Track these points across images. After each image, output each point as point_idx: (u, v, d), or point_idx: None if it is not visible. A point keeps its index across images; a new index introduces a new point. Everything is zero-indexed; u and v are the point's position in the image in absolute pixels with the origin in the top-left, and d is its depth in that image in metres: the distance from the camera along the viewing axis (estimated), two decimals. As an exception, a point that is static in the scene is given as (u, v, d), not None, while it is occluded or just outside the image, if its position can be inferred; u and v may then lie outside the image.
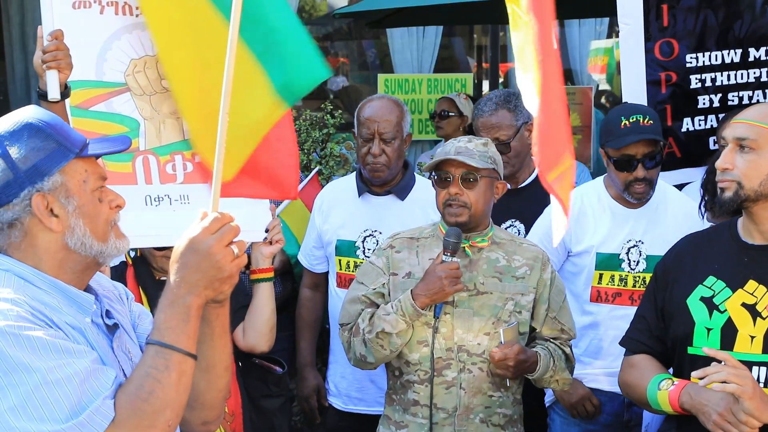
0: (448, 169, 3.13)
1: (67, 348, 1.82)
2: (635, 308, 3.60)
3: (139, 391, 1.83)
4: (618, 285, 3.66)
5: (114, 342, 2.02)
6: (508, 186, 3.30)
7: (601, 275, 3.67)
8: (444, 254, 3.07)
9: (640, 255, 3.64)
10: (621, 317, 3.60)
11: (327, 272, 4.02)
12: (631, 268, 3.65)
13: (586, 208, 3.71)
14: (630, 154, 3.53)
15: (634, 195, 3.59)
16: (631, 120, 3.55)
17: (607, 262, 3.66)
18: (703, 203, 3.66)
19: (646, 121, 3.55)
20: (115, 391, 1.83)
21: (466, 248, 3.16)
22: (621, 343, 2.93)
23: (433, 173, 3.21)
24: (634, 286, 3.64)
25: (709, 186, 3.53)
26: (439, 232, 3.22)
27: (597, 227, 3.68)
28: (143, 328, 2.15)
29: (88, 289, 2.03)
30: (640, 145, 3.52)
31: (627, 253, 3.66)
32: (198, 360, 2.03)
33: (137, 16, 3.16)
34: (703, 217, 3.60)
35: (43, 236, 1.94)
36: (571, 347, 3.28)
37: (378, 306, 3.18)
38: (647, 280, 3.58)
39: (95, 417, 1.77)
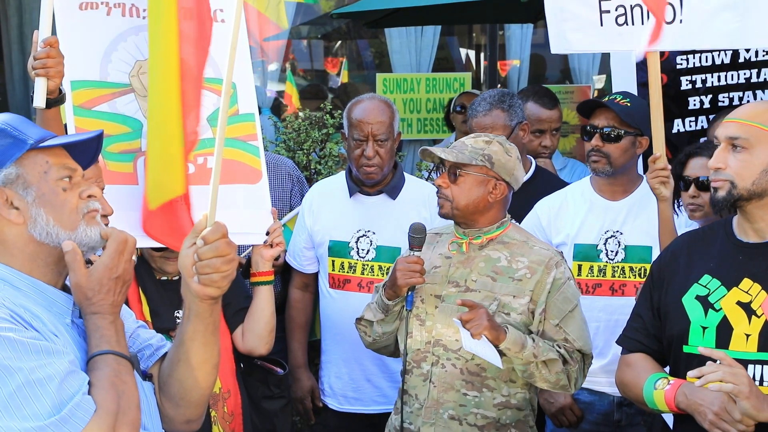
0: (445, 160, 3.17)
1: (47, 348, 1.85)
2: (616, 298, 3.62)
3: (112, 388, 1.88)
4: (597, 276, 3.69)
5: None
6: None
7: (579, 266, 3.70)
8: (409, 249, 3.14)
9: (619, 245, 3.66)
10: (602, 308, 3.64)
11: (317, 272, 4.02)
12: (609, 259, 3.67)
13: (569, 202, 3.78)
14: (593, 124, 3.65)
15: (591, 166, 3.68)
16: (610, 97, 3.70)
17: (585, 253, 3.69)
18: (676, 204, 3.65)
19: (622, 101, 3.63)
20: (88, 390, 1.87)
21: (464, 245, 3.18)
22: (618, 342, 2.94)
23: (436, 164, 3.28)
24: (613, 276, 3.67)
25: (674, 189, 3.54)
26: (454, 229, 3.25)
27: (575, 218, 3.73)
28: (126, 327, 2.15)
29: (66, 289, 2.05)
30: (602, 118, 3.63)
31: (605, 244, 3.68)
32: (188, 357, 2.09)
33: (144, 18, 3.18)
34: (678, 215, 3.57)
35: (8, 231, 1.97)
36: (570, 353, 3.05)
37: None
38: (626, 270, 3.62)
39: (77, 411, 1.81)
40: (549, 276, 3.09)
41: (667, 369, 2.80)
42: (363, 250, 3.85)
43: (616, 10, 3.30)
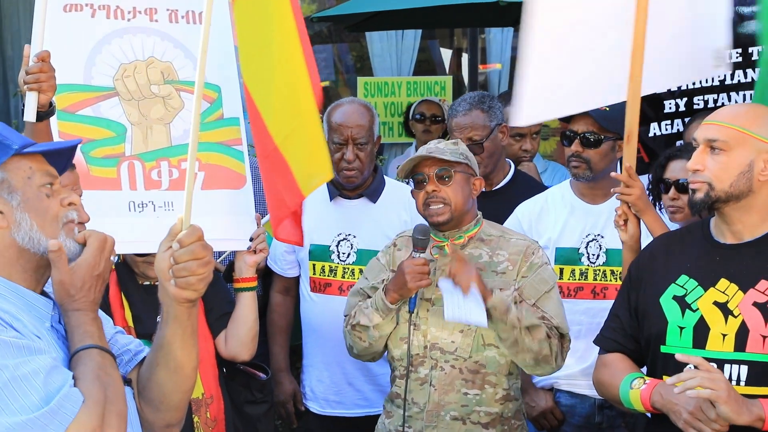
0: (421, 170, 3.18)
1: (29, 347, 1.86)
2: (598, 302, 3.64)
3: (98, 379, 1.90)
4: (579, 279, 3.72)
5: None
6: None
7: (561, 270, 3.72)
8: (414, 251, 3.13)
9: (600, 249, 3.69)
10: (584, 311, 3.66)
11: (298, 276, 4.03)
12: (591, 262, 3.70)
13: (549, 206, 3.81)
14: (572, 129, 3.68)
15: (572, 172, 3.71)
16: None
17: (567, 256, 3.71)
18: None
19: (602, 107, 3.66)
20: (74, 383, 1.88)
21: (446, 246, 3.20)
22: (595, 342, 2.97)
23: (410, 178, 3.25)
24: (595, 279, 3.70)
25: (654, 192, 3.56)
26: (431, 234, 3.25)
27: (556, 221, 3.76)
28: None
29: (45, 294, 2.05)
30: (581, 123, 3.66)
31: (586, 247, 3.71)
32: (167, 360, 2.09)
33: (129, 20, 3.16)
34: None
35: None
36: (549, 329, 3.05)
37: None
38: (608, 273, 3.65)
39: (65, 403, 1.81)
40: (527, 262, 3.16)
41: (644, 369, 2.82)
42: (344, 253, 3.86)
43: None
